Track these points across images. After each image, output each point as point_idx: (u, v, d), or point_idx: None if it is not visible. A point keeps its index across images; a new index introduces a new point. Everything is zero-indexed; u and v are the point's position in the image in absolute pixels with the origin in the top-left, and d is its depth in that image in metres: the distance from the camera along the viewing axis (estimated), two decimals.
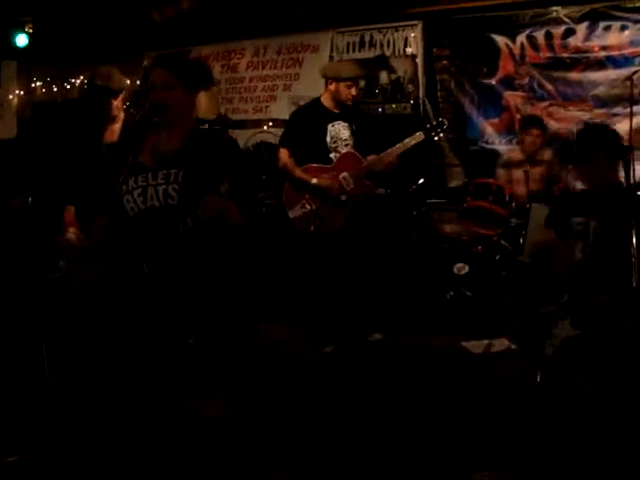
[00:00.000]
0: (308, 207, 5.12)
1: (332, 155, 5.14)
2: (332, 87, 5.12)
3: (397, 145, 5.04)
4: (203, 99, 3.22)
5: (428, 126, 5.15)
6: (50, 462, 3.37)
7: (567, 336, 3.30)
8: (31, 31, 6.62)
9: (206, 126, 5.64)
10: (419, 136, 5.07)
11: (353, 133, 5.14)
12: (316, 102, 5.27)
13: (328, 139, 5.12)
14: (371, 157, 5.08)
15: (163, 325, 2.89)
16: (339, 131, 5.14)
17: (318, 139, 5.11)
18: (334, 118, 5.15)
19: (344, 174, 5.07)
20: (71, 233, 4.00)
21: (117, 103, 4.08)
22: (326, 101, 5.19)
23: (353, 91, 5.11)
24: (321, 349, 5.20)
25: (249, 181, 2.84)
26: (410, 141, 5.06)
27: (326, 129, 5.11)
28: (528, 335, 3.49)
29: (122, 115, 4.13)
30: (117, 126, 4.10)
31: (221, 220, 2.76)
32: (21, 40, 6.68)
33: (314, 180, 5.08)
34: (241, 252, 2.99)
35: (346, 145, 5.14)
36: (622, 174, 3.54)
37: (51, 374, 4.18)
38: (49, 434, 3.62)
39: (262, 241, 6.30)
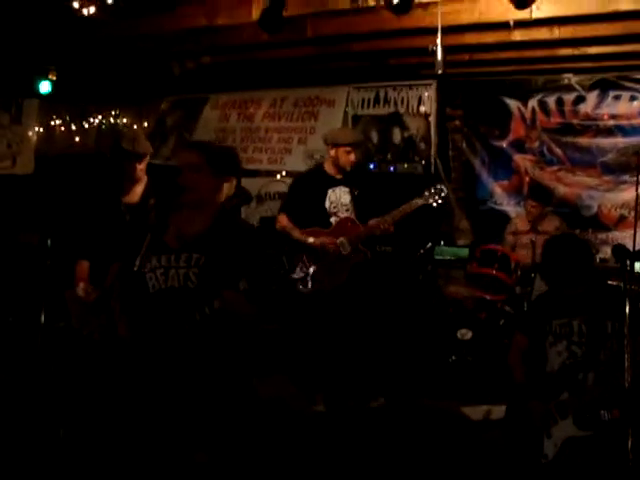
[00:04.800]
0: (305, 268, 5.13)
1: (332, 219, 5.16)
2: (332, 153, 5.17)
3: (393, 212, 5.02)
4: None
5: (426, 193, 5.07)
6: None
7: (569, 437, 3.25)
8: (54, 79, 6.79)
9: None
10: (415, 203, 5.03)
11: (354, 198, 5.16)
12: (318, 168, 5.35)
13: (327, 204, 5.16)
14: (371, 222, 5.06)
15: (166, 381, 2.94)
16: (340, 196, 5.18)
17: (318, 204, 5.15)
18: (335, 183, 5.19)
19: (341, 239, 5.06)
20: (81, 289, 4.11)
21: (141, 167, 4.15)
22: (328, 167, 5.23)
23: (352, 157, 5.15)
24: (314, 407, 5.18)
25: (266, 277, 2.84)
26: (407, 207, 5.02)
27: (326, 194, 5.16)
28: (524, 429, 3.42)
29: (145, 178, 4.20)
30: (139, 188, 4.17)
31: (234, 313, 2.85)
32: (44, 87, 6.87)
33: (310, 239, 5.05)
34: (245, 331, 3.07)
35: (346, 210, 5.17)
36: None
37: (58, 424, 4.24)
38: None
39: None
